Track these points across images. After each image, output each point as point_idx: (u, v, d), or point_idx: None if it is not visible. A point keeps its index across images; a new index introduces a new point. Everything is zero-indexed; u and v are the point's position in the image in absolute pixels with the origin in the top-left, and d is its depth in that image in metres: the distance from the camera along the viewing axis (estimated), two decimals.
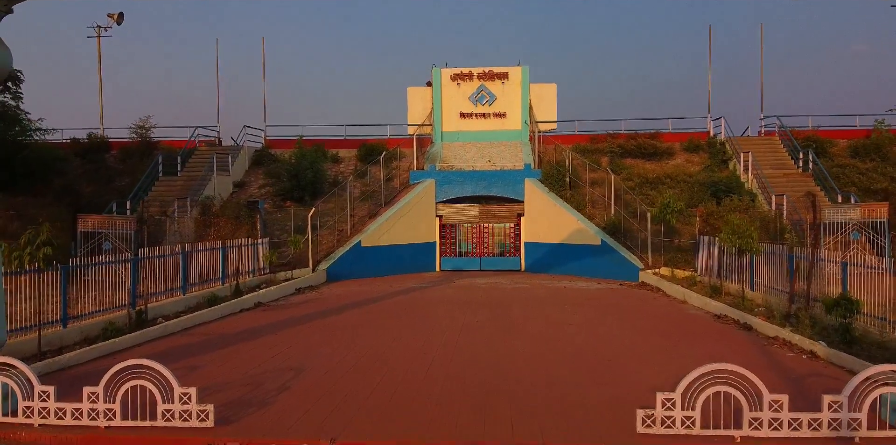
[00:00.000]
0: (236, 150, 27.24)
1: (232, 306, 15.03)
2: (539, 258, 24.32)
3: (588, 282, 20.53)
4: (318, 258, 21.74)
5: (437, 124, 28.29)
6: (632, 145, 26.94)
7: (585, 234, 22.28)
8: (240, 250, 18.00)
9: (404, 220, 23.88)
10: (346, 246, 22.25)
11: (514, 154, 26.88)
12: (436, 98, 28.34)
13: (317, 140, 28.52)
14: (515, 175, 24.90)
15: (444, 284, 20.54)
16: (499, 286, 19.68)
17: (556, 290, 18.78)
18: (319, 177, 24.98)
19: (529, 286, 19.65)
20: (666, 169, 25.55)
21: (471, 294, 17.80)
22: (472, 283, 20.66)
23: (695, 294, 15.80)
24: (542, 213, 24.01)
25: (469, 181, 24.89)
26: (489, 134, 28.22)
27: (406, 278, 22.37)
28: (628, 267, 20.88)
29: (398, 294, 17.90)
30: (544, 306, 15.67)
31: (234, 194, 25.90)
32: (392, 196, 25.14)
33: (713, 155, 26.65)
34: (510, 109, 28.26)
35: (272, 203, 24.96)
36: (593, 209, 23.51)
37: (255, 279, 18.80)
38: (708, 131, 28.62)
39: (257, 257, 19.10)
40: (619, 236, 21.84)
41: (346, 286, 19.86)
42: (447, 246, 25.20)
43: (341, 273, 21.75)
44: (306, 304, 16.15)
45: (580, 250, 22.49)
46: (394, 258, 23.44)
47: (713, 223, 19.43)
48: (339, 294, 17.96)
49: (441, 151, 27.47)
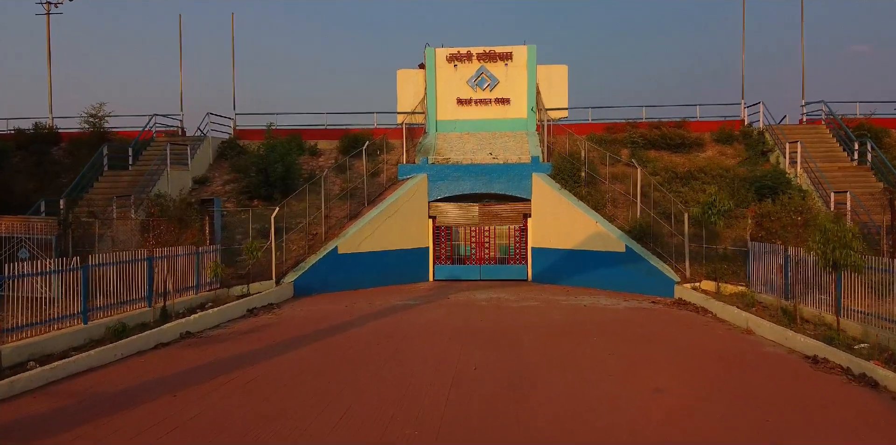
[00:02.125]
0: (198, 141, 23.15)
1: (144, 340, 10.92)
2: (549, 267, 20.23)
3: (612, 298, 16.44)
4: (284, 269, 17.66)
5: (430, 112, 24.20)
6: (655, 136, 22.82)
7: (606, 239, 18.19)
8: (174, 261, 13.93)
9: (391, 222, 19.81)
10: (320, 253, 18.16)
11: (520, 146, 22.79)
12: (429, 82, 24.25)
13: (293, 130, 24.43)
14: (521, 170, 20.83)
15: (436, 300, 16.45)
16: (503, 304, 15.60)
17: (574, 310, 14.69)
18: (292, 171, 20.90)
19: (541, 304, 15.57)
20: (697, 162, 21.43)
21: (467, 317, 13.72)
22: (471, 298, 16.59)
23: (764, 322, 11.68)
24: (552, 213, 19.93)
25: (467, 177, 20.83)
26: (490, 123, 24.13)
27: (392, 290, 18.30)
28: (660, 280, 16.78)
29: (376, 317, 13.81)
30: (565, 338, 11.57)
31: (194, 191, 21.83)
32: (377, 194, 21.06)
33: (750, 146, 22.52)
34: (515, 95, 24.16)
35: (236, 202, 20.89)
36: (614, 209, 19.42)
37: (198, 297, 14.72)
38: (742, 119, 24.49)
39: (202, 269, 15.02)
40: (647, 242, 17.74)
41: (316, 304, 15.78)
42: (442, 252, 21.14)
43: (313, 286, 17.66)
44: (249, 335, 12.03)
45: (600, 259, 18.40)
46: (378, 267, 19.37)
47: (769, 227, 15.35)
48: (301, 318, 13.87)
49: (435, 142, 23.38)
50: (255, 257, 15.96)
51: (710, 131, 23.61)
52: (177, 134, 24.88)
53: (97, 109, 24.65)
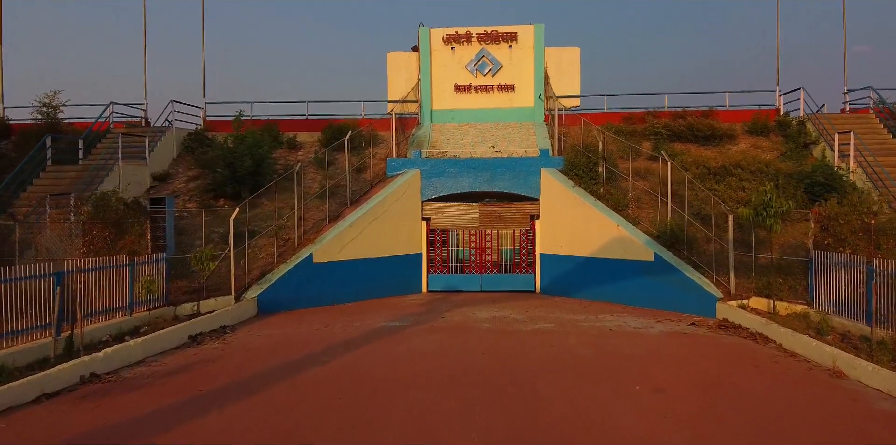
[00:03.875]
0: (159, 132, 20.10)
1: (21, 390, 7.88)
2: (560, 277, 17.18)
3: (641, 318, 13.39)
4: (247, 281, 14.63)
5: (425, 100, 21.15)
6: (681, 126, 19.75)
7: (630, 245, 15.14)
8: (96, 276, 10.90)
9: (378, 225, 16.78)
10: (291, 263, 15.12)
11: (526, 137, 19.75)
12: (424, 67, 21.21)
13: (269, 121, 21.39)
14: (528, 164, 17.79)
15: (427, 320, 13.40)
16: (509, 326, 12.56)
17: (599, 336, 11.63)
18: (265, 166, 17.86)
19: (556, 327, 12.52)
20: (730, 156, 18.36)
21: (465, 348, 10.66)
22: (470, 318, 13.55)
23: (862, 362, 8.62)
24: (564, 215, 16.90)
25: (466, 173, 17.80)
26: (493, 112, 21.08)
27: (377, 306, 15.27)
28: (698, 295, 13.73)
29: (347, 348, 10.75)
30: (597, 387, 8.48)
31: (153, 188, 18.81)
32: (362, 192, 18.01)
33: (790, 138, 19.47)
34: (520, 81, 21.11)
35: (200, 201, 17.86)
36: (638, 210, 16.36)
37: (131, 319, 11.70)
38: (777, 108, 21.43)
39: (137, 284, 11.98)
40: (679, 249, 14.70)
41: (280, 326, 12.73)
42: (437, 259, 18.11)
43: (281, 302, 14.63)
44: (174, 379, 8.95)
45: (622, 268, 15.36)
46: (362, 278, 16.34)
47: (837, 232, 12.31)
48: (254, 348, 10.80)
49: (430, 133, 20.33)
50: (205, 269, 12.93)
51: (741, 122, 20.55)
52: (140, 125, 21.84)
53: (50, 98, 21.60)
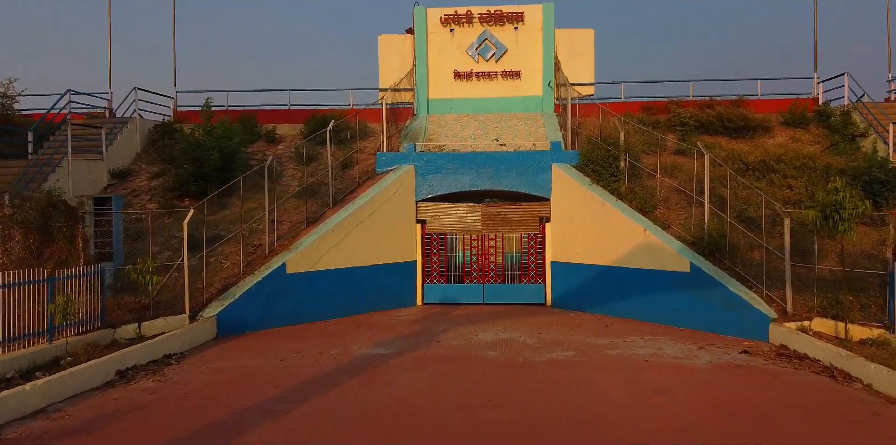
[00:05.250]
0: (120, 123, 17.70)
1: None
2: (575, 288, 14.77)
3: (679, 342, 10.93)
4: (207, 296, 12.20)
5: (420, 88, 18.74)
6: (709, 117, 17.31)
7: (660, 253, 12.72)
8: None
9: (365, 228, 14.37)
10: (260, 274, 12.67)
11: (534, 130, 17.33)
12: (419, 51, 18.80)
13: (247, 111, 18.98)
14: (538, 159, 15.38)
15: (419, 345, 10.96)
16: (519, 355, 10.10)
17: (633, 369, 9.17)
18: (237, 161, 15.47)
19: (577, 355, 10.07)
20: (769, 150, 15.94)
21: (465, 394, 8.19)
22: (471, 342, 11.10)
23: None
24: (580, 217, 14.49)
25: (467, 169, 15.39)
26: (497, 102, 18.66)
27: (362, 323, 12.86)
28: (746, 314, 11.28)
29: (314, 392, 8.28)
30: None
31: (111, 187, 16.42)
32: (348, 191, 15.60)
33: (835, 129, 17.04)
34: (527, 67, 18.69)
35: (163, 201, 15.45)
36: (667, 211, 13.93)
37: (51, 348, 9.27)
38: (815, 97, 19.01)
39: (53, 305, 9.55)
40: (720, 258, 12.27)
41: (237, 356, 10.26)
42: (434, 267, 15.70)
43: (246, 321, 12.20)
44: (72, 440, 6.57)
45: (651, 280, 12.92)
46: (345, 290, 13.92)
47: None
48: (194, 392, 8.30)
49: (426, 125, 17.91)
50: (147, 284, 10.52)
51: (776, 112, 18.13)
52: (103, 116, 19.43)
53: (6, 87, 19.19)
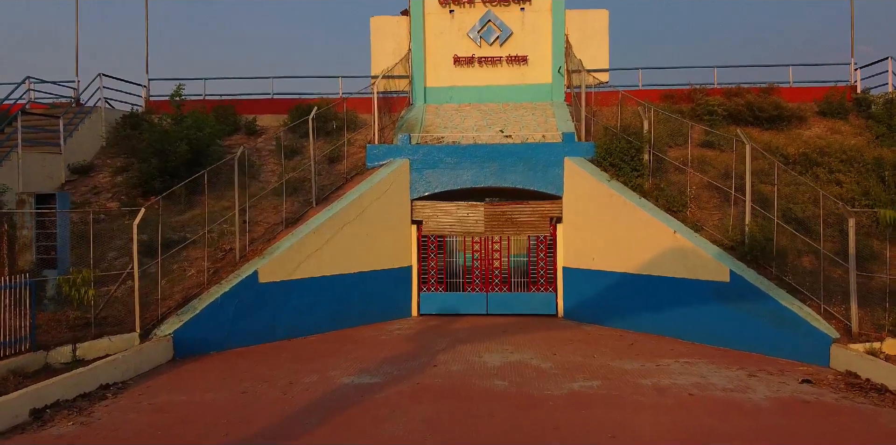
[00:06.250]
0: (83, 113, 15.86)
1: None
2: (592, 298, 12.91)
3: (722, 366, 9.05)
4: (164, 310, 10.34)
5: (417, 75, 16.88)
6: (738, 106, 15.46)
7: (693, 259, 10.85)
8: None
9: (352, 230, 12.53)
10: (227, 284, 10.79)
11: (543, 120, 15.48)
12: (416, 34, 16.94)
13: (225, 101, 17.13)
14: (548, 152, 13.54)
15: (412, 372, 9.08)
16: (534, 387, 8.21)
17: (678, 408, 7.28)
18: (209, 154, 13.63)
19: (604, 386, 8.18)
20: (809, 142, 14.08)
21: (468, 437, 6.39)
22: (474, 370, 9.21)
23: None
24: (597, 217, 12.64)
25: (468, 163, 13.56)
26: (501, 90, 16.80)
27: (349, 340, 11.00)
28: (802, 333, 9.40)
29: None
30: None
31: (70, 183, 14.59)
32: (334, 188, 13.75)
33: (877, 120, 15.17)
34: (535, 51, 16.82)
35: (126, 200, 13.61)
36: (699, 212, 12.07)
37: None
38: (853, 84, 17.13)
39: None
40: (764, 265, 10.40)
41: (190, 387, 8.35)
42: (431, 274, 13.86)
43: (211, 339, 10.33)
44: None
45: (682, 290, 11.05)
46: (329, 301, 12.08)
47: None
48: (121, 442, 6.50)
49: (423, 115, 16.06)
50: (81, 298, 8.67)
51: (811, 101, 16.28)
52: (70, 107, 17.59)
53: None
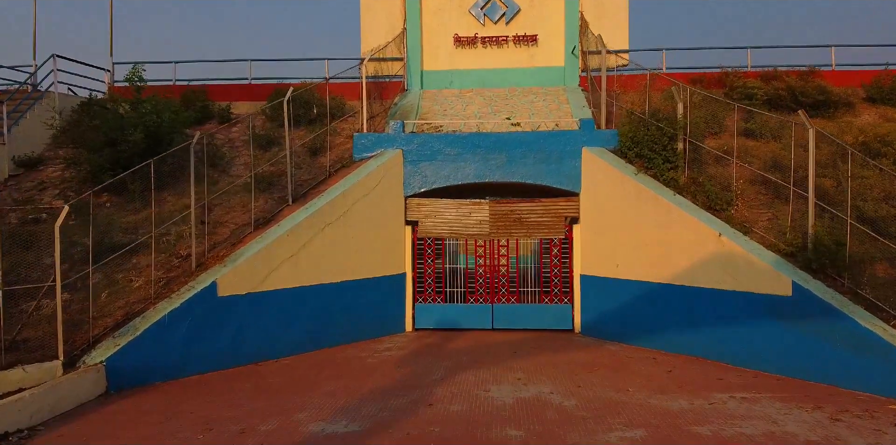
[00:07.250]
0: (32, 99, 13.95)
1: None
2: (615, 311, 10.97)
3: (793, 405, 7.09)
4: (97, 332, 8.40)
5: (412, 57, 14.93)
6: (778, 90, 13.51)
7: (744, 267, 8.91)
8: None
9: (335, 232, 10.61)
10: (178, 298, 8.84)
11: (556, 107, 13.54)
12: (411, 12, 15.00)
13: (197, 86, 15.17)
14: (563, 141, 11.61)
15: (401, 416, 7.15)
16: (559, 438, 6.26)
17: None
18: (170, 144, 11.68)
19: (649, 438, 6.16)
20: (864, 130, 12.13)
21: None
22: (480, 412, 7.26)
23: None
24: (622, 217, 10.70)
25: (471, 154, 11.63)
26: (508, 73, 14.85)
27: (327, 365, 9.08)
28: (887, 359, 7.50)
29: None
30: None
31: (14, 178, 12.66)
32: (315, 183, 11.81)
33: None
34: (545, 30, 14.88)
35: (72, 197, 11.68)
36: (748, 212, 10.12)
37: None
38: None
39: None
40: (834, 276, 8.46)
41: (115, 437, 6.43)
42: (428, 282, 11.95)
43: (157, 367, 8.38)
44: None
45: (730, 305, 9.10)
46: (307, 317, 10.15)
47: None
48: None
49: (419, 101, 14.12)
50: None
51: (859, 85, 14.34)
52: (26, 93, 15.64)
53: None
